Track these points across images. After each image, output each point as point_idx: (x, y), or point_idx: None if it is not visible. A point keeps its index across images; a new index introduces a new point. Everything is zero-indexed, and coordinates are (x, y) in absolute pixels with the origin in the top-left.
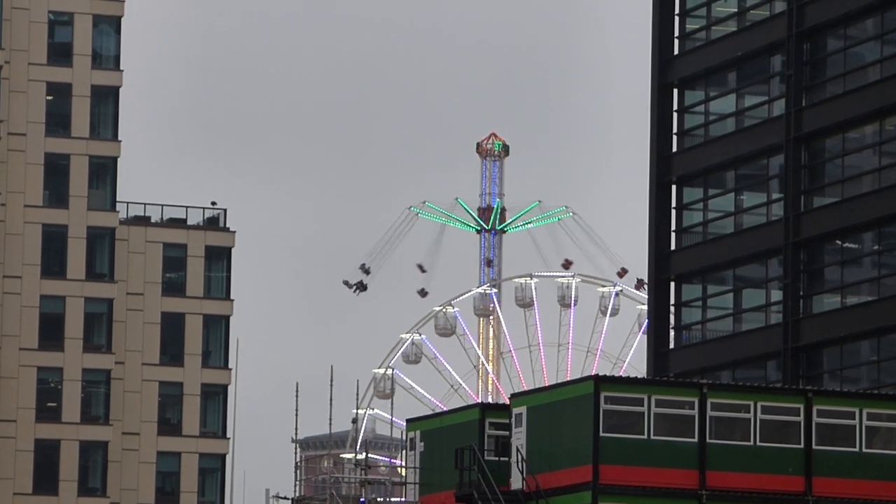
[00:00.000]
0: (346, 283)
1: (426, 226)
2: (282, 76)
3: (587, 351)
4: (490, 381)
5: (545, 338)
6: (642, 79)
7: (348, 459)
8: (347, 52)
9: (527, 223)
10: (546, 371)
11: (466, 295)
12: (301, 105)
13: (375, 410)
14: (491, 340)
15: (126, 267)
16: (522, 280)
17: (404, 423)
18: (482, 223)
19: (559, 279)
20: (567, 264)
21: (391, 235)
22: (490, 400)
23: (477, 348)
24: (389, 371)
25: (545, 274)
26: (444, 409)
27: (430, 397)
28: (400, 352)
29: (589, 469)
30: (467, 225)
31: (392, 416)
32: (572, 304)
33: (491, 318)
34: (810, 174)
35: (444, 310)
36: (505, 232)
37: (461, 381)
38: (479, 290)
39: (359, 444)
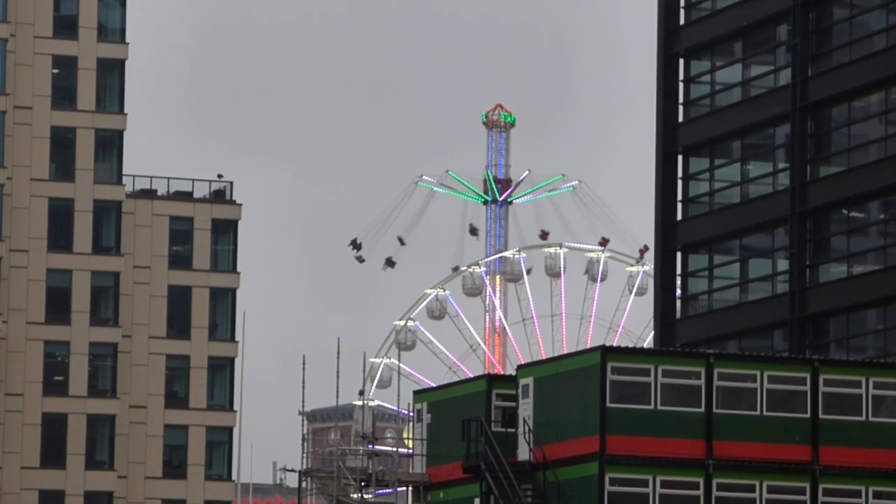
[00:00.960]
0: (351, 243)
1: (431, 197)
2: (289, 49)
3: (609, 327)
4: (508, 346)
5: (552, 309)
6: (648, 49)
7: (359, 407)
8: (355, 25)
9: (532, 192)
10: (566, 341)
11: (495, 257)
12: (307, 78)
13: (391, 360)
14: (495, 312)
15: (132, 240)
16: (552, 249)
17: (417, 382)
18: (496, 192)
19: (588, 253)
20: (604, 242)
21: (395, 206)
22: (506, 363)
23: (500, 311)
24: (411, 323)
25: (575, 245)
26: (463, 367)
27: (448, 353)
28: (423, 305)
29: (596, 440)
30: (478, 197)
31: (398, 362)
32: (599, 279)
33: (514, 284)
34: (816, 143)
35: (471, 270)
36: (511, 203)
37: (480, 342)
38: (508, 253)
39: (372, 391)
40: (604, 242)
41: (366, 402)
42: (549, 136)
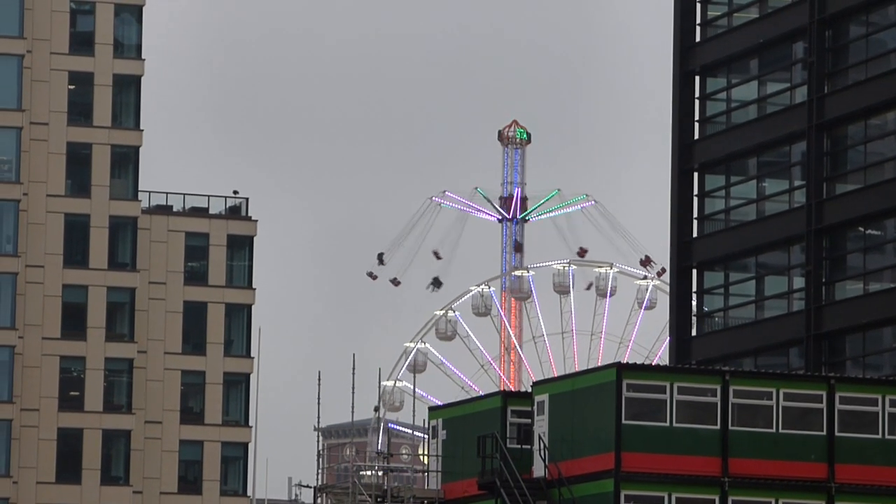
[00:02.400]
0: (368, 273)
1: (448, 215)
2: (303, 66)
3: (646, 357)
4: (545, 358)
5: (593, 328)
6: (664, 66)
7: (373, 428)
8: (369, 41)
9: (549, 211)
10: (601, 362)
11: (543, 265)
12: (322, 94)
13: (426, 345)
14: (520, 322)
15: (148, 256)
16: (602, 269)
17: (428, 404)
18: (503, 212)
19: (596, 269)
20: (582, 252)
21: (412, 225)
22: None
23: (541, 321)
24: (451, 314)
25: (626, 269)
26: (496, 367)
27: (483, 351)
28: (468, 298)
29: (611, 457)
30: (490, 213)
31: (402, 381)
32: (608, 295)
33: (555, 296)
34: (832, 161)
35: (522, 273)
36: (527, 221)
37: (517, 344)
38: (558, 265)
39: (401, 372)
40: (646, 262)
41: (381, 416)
42: (564, 153)
